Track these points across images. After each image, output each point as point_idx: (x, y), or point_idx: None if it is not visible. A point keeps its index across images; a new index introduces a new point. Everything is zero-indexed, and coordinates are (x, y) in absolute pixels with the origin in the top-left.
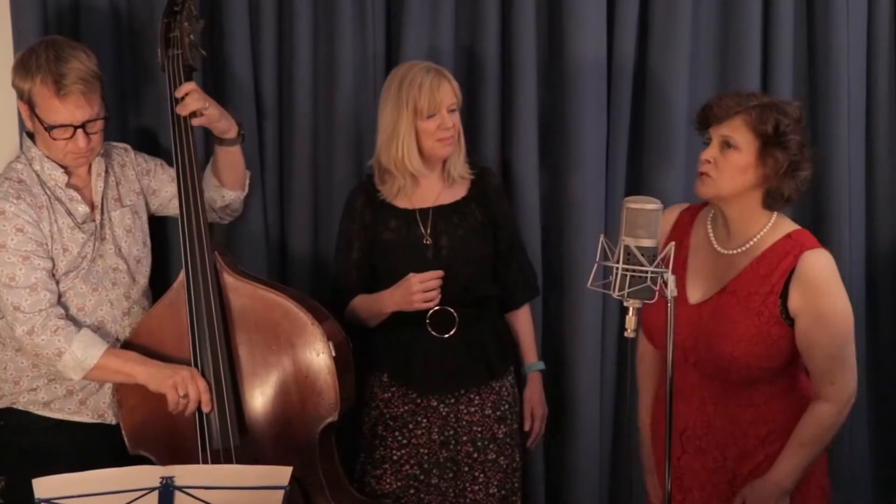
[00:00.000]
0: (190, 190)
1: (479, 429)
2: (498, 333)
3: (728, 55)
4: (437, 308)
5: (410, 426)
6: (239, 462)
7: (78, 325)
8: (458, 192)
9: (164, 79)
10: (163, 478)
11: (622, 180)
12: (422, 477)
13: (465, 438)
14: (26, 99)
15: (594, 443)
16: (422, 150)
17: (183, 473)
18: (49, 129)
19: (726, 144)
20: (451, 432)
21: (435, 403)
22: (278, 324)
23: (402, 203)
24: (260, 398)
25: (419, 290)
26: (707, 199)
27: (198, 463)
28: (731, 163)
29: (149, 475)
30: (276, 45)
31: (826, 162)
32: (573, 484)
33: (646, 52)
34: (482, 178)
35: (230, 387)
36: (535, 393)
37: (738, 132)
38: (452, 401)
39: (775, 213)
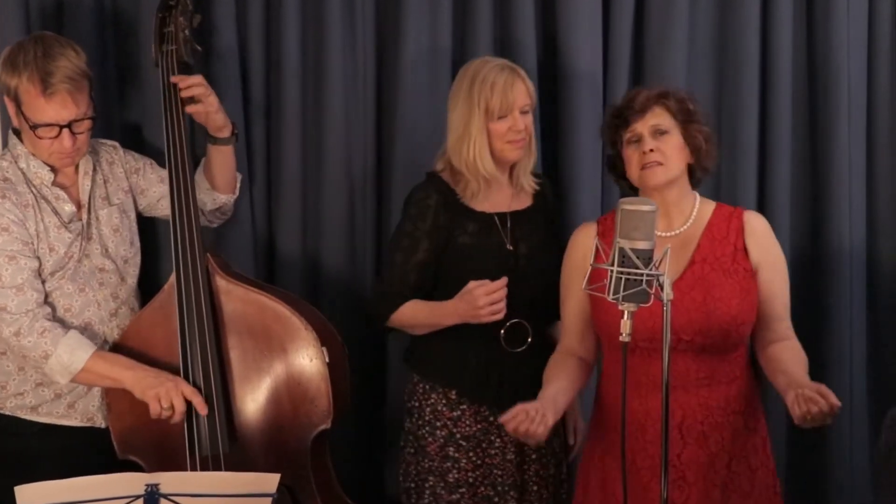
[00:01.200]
0: (182, 189)
1: (543, 443)
2: (555, 345)
3: (726, 56)
4: (512, 321)
5: (483, 445)
6: (228, 469)
7: (66, 326)
8: (525, 200)
9: (156, 75)
10: (148, 485)
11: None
12: (496, 499)
13: (534, 456)
14: (13, 96)
15: None
16: (492, 152)
17: (168, 480)
18: (34, 127)
19: (658, 132)
20: (527, 451)
21: None
22: (270, 328)
23: (479, 206)
24: (251, 404)
25: (486, 302)
26: (661, 184)
27: (186, 469)
28: (671, 145)
29: (133, 482)
30: (264, 40)
31: (826, 162)
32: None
33: (642, 55)
34: (542, 186)
35: (220, 392)
36: (577, 406)
37: (663, 118)
38: None
39: (696, 193)
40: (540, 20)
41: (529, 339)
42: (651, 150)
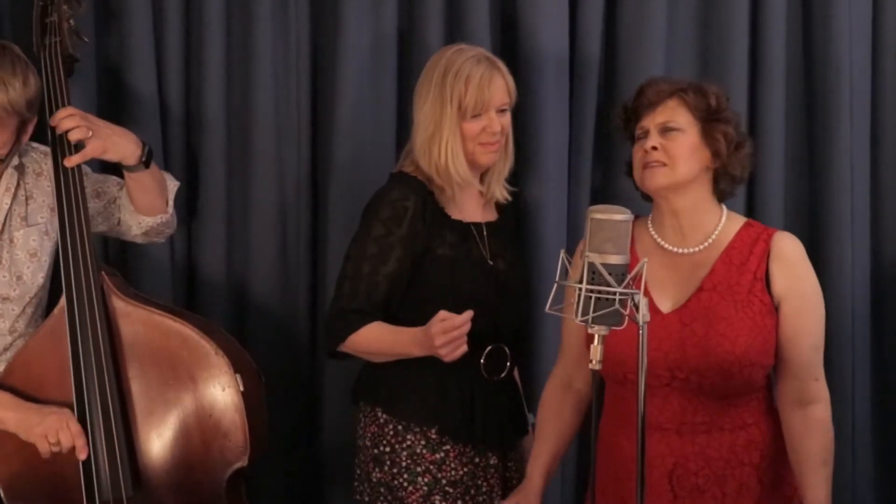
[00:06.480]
0: (71, 198)
1: None
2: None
3: (710, 44)
4: (495, 346)
5: (472, 492)
6: None
7: None
8: (492, 212)
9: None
10: None
11: (587, 187)
12: None
13: None
14: None
15: (555, 490)
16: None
17: None
18: None
19: (667, 129)
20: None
21: (494, 461)
22: (177, 354)
23: (455, 214)
24: (156, 441)
25: (443, 341)
26: (661, 188)
27: None
28: (680, 145)
29: None
30: (183, 40)
31: (825, 166)
32: None
33: (614, 40)
34: (512, 197)
35: (121, 427)
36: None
37: (678, 114)
38: (502, 456)
39: (724, 207)
40: (498, 4)
41: (508, 365)
42: (654, 148)
